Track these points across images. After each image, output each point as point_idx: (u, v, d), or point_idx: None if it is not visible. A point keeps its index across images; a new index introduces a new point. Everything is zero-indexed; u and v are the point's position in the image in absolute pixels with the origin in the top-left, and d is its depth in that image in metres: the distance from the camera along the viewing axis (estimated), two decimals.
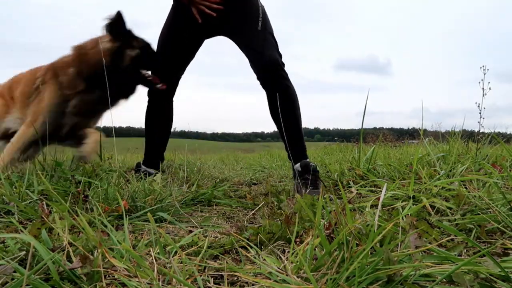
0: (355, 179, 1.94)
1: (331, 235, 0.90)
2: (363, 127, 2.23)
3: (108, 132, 2.28)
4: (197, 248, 0.92)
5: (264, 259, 0.83)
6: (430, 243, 0.82)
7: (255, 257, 0.85)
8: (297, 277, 0.69)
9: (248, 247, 0.93)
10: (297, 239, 0.98)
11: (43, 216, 0.91)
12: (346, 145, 5.53)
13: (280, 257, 0.87)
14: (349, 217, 0.81)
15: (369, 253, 0.68)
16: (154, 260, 0.74)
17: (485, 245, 0.95)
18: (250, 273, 0.75)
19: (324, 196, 1.22)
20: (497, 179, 1.42)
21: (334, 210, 0.91)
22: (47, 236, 0.85)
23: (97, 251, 0.72)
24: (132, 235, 1.10)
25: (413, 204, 1.25)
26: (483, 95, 2.31)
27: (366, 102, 2.04)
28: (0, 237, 0.88)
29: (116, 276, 0.70)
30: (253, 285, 0.72)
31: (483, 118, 2.41)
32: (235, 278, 0.76)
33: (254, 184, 2.49)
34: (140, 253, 0.81)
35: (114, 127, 1.86)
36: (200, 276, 0.72)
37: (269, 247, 0.96)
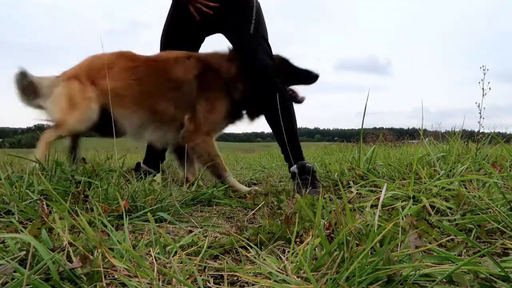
0: (355, 179, 1.94)
1: (331, 235, 0.90)
2: (363, 127, 2.23)
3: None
4: (197, 248, 0.92)
5: (264, 259, 0.83)
6: (430, 243, 0.82)
7: (255, 257, 0.85)
8: (297, 277, 0.69)
9: (248, 247, 0.93)
10: (297, 239, 0.98)
11: (43, 216, 0.91)
12: (346, 145, 5.53)
13: (280, 257, 0.87)
14: (349, 217, 0.81)
15: (369, 253, 0.68)
16: (154, 260, 0.74)
17: (485, 245, 0.95)
18: (250, 273, 0.75)
19: (324, 196, 1.22)
20: (497, 179, 1.42)
21: (334, 210, 0.91)
22: (47, 236, 0.85)
23: (97, 251, 0.72)
24: (132, 235, 1.10)
25: (413, 204, 1.25)
26: (483, 95, 2.31)
27: (366, 102, 2.05)
28: (0, 237, 0.88)
29: (116, 276, 0.70)
30: (253, 285, 0.72)
31: (483, 118, 2.41)
32: (235, 278, 0.76)
33: (254, 184, 2.49)
34: (140, 253, 0.81)
35: (114, 127, 1.87)
36: (200, 276, 0.72)
37: (269, 247, 0.96)
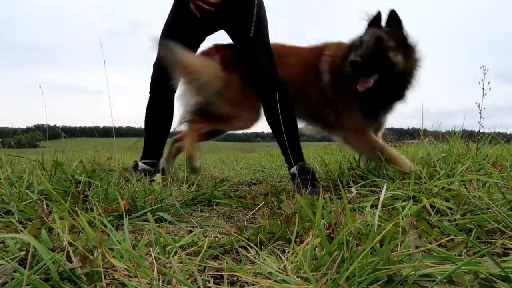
0: (355, 179, 1.95)
1: (331, 235, 0.90)
2: None
3: (108, 132, 2.27)
4: (197, 248, 0.92)
5: (264, 259, 0.83)
6: (430, 243, 0.82)
7: (255, 257, 0.85)
8: (297, 277, 0.69)
9: (248, 247, 0.93)
10: (297, 239, 0.98)
11: (43, 216, 0.91)
12: None
13: (280, 257, 0.87)
14: (349, 217, 0.81)
15: (369, 253, 0.68)
16: (154, 260, 0.74)
17: (485, 245, 0.95)
18: (250, 273, 0.75)
19: (324, 196, 1.22)
20: (497, 179, 1.42)
21: (334, 210, 0.91)
22: (47, 236, 0.85)
23: (97, 251, 0.72)
24: (132, 235, 1.10)
25: (413, 204, 1.25)
26: (483, 95, 2.30)
27: None
28: (0, 237, 0.88)
29: (116, 276, 0.70)
30: (253, 285, 0.72)
31: (483, 118, 2.41)
32: (235, 278, 0.76)
33: (254, 184, 2.49)
34: (140, 253, 0.81)
35: (114, 127, 1.86)
36: (200, 276, 0.73)
37: (269, 247, 0.96)
